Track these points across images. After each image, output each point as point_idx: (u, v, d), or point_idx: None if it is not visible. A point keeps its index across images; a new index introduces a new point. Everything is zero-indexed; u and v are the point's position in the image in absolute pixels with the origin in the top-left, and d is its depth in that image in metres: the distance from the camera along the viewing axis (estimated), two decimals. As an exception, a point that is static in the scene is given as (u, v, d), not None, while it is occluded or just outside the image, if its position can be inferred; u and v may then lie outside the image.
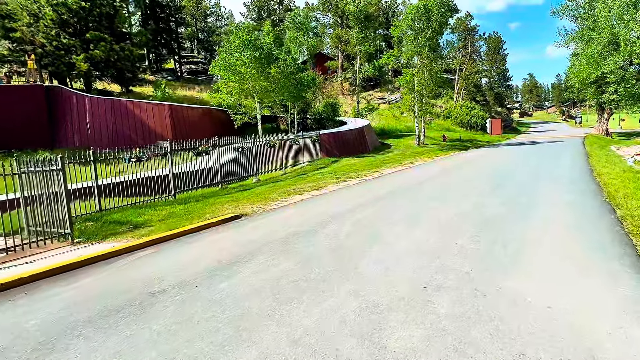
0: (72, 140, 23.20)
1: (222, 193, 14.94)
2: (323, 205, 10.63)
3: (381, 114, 48.63)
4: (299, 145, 22.69)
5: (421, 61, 29.79)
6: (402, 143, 33.82)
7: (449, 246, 6.12)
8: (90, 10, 25.06)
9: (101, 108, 23.81)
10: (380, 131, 39.45)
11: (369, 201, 10.60)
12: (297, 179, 17.76)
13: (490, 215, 8.01)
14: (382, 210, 9.11)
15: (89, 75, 25.91)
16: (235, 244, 7.04)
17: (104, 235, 9.08)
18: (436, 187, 12.56)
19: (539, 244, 6.11)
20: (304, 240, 6.91)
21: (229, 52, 24.79)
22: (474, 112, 50.49)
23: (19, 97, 22.11)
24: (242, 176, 18.17)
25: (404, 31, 29.37)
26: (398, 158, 25.35)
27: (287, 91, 26.76)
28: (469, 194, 10.85)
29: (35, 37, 24.68)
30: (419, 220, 7.89)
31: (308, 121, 31.47)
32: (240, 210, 10.65)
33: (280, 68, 27.20)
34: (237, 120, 26.37)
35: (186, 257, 6.48)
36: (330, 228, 7.70)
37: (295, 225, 8.18)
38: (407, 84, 29.96)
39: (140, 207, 12.09)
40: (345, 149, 27.16)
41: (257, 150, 18.76)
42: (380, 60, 33.04)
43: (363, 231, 7.28)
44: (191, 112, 26.62)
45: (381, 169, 20.04)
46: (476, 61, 61.98)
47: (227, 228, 8.67)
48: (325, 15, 63.19)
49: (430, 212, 8.66)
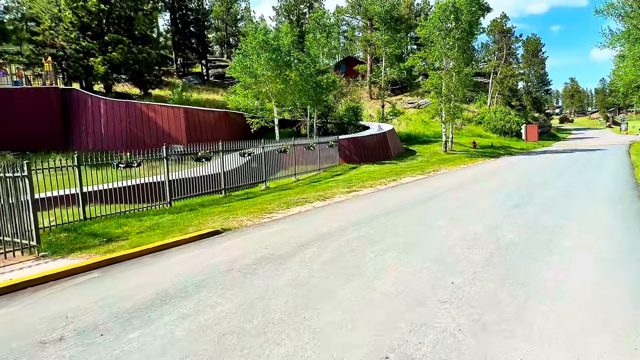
0: (85, 143, 23.01)
1: (222, 202, 14.02)
2: (318, 220, 9.45)
3: (409, 118, 46.88)
4: (314, 150, 21.57)
5: (449, 63, 28.08)
6: (429, 149, 32.11)
7: (442, 286, 4.79)
8: (109, 12, 24.94)
9: (116, 111, 23.54)
10: (407, 137, 37.80)
11: (370, 216, 9.33)
12: (307, 187, 16.65)
13: (505, 243, 6.58)
14: (379, 230, 7.83)
15: (107, 78, 25.78)
16: (191, 270, 5.96)
17: (71, 249, 8.25)
18: (451, 201, 11.12)
19: (559, 293, 4.68)
20: (269, 269, 5.75)
21: (245, 54, 24.02)
22: (509, 118, 47.88)
23: (35, 99, 22.11)
24: (250, 183, 17.20)
25: (431, 32, 27.76)
26: (421, 165, 23.80)
27: (305, 94, 25.72)
28: (487, 211, 9.38)
29: (56, 40, 24.77)
30: (417, 246, 6.57)
31: (328, 126, 30.30)
32: (228, 223, 9.63)
33: (299, 70, 26.22)
34: (254, 124, 25.54)
35: (126, 286, 5.44)
36: (309, 253, 6.49)
37: (272, 247, 7.03)
38: (433, 87, 28.31)
39: (127, 217, 11.29)
40: (366, 155, 25.83)
41: (266, 156, 17.75)
42: (406, 63, 31.53)
43: (344, 260, 6.04)
44: (207, 116, 26.00)
45: (400, 177, 18.65)
46: (512, 64, 59.10)
47: (199, 247, 7.62)
48: (355, 18, 62.03)
49: (434, 234, 7.30)
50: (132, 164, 11.87)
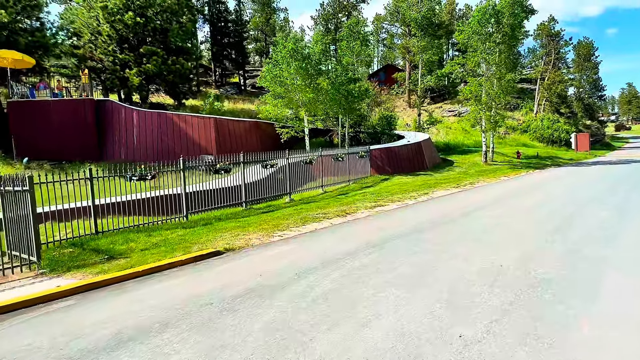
0: (118, 154, 23.37)
1: (240, 215, 13.50)
2: (329, 241, 8.66)
3: (450, 127, 45.10)
4: (343, 161, 20.79)
5: (489, 69, 26.52)
6: (468, 160, 30.45)
7: (446, 342, 3.87)
8: (145, 25, 25.42)
9: (148, 121, 23.81)
10: (445, 146, 36.23)
11: (387, 238, 8.42)
12: (332, 201, 15.89)
13: (536, 280, 5.50)
14: (391, 256, 6.92)
15: (142, 89, 26.25)
16: (169, 302, 5.33)
17: (70, 266, 7.93)
18: (482, 221, 9.98)
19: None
20: (251, 305, 5.02)
21: (275, 62, 23.72)
22: (557, 126, 44.98)
23: (71, 110, 22.71)
24: (274, 195, 16.64)
25: (470, 36, 26.35)
26: (457, 177, 22.43)
27: (336, 103, 25.03)
28: (521, 234, 8.22)
29: (94, 53, 25.51)
30: (428, 279, 5.62)
31: (361, 135, 29.39)
32: (234, 242, 9.02)
33: (330, 79, 25.60)
34: (283, 134, 25.11)
35: (91, 320, 4.88)
36: (303, 284, 5.71)
37: (267, 274, 6.31)
38: (472, 95, 26.81)
39: (140, 231, 10.97)
40: (399, 165, 24.73)
41: (290, 168, 17.13)
42: (443, 70, 30.17)
43: (339, 296, 5.20)
44: (237, 126, 25.84)
45: (433, 190, 17.50)
46: (561, 69, 55.81)
47: (193, 270, 7.03)
48: (393, 25, 60.97)
49: (453, 264, 6.31)
50: (145, 176, 11.61)
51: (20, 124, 22.02)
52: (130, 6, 25.06)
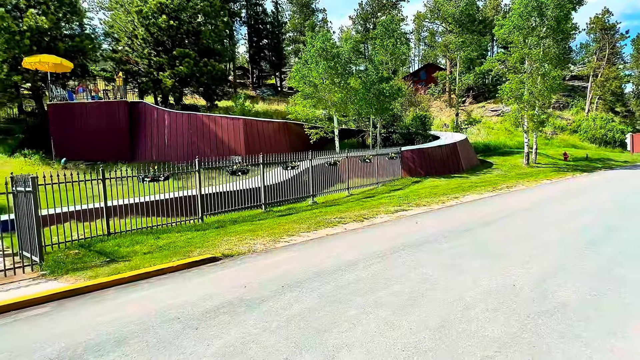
0: (149, 154, 23.79)
1: (257, 218, 13.18)
2: (334, 249, 8.08)
3: (491, 127, 43.02)
4: (371, 163, 20.08)
5: (531, 65, 24.84)
6: (508, 162, 28.76)
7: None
8: (178, 28, 25.77)
9: (179, 122, 24.09)
10: (484, 147, 34.53)
11: (395, 248, 7.72)
12: (355, 204, 15.28)
13: (551, 306, 4.65)
14: (390, 269, 6.24)
15: (174, 91, 26.66)
16: (137, 314, 4.96)
17: (69, 269, 7.84)
18: (509, 229, 9.02)
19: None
20: (218, 323, 4.54)
21: (303, 62, 23.33)
22: (611, 126, 41.81)
23: (106, 112, 23.38)
24: (296, 197, 16.23)
25: (511, 31, 24.79)
26: (494, 180, 21.11)
27: (367, 103, 24.29)
28: (548, 246, 7.27)
29: (130, 56, 26.18)
30: (423, 300, 4.91)
31: (394, 136, 28.41)
32: (237, 248, 8.65)
33: (361, 78, 24.91)
34: (312, 135, 24.65)
35: (51, 332, 4.58)
36: (285, 299, 5.17)
37: (252, 286, 5.83)
38: (512, 93, 25.22)
39: (150, 232, 10.87)
40: (433, 167, 23.66)
41: (314, 170, 16.65)
42: (482, 67, 28.62)
43: (317, 315, 4.62)
44: (266, 126, 25.66)
45: (464, 194, 16.47)
46: (617, 65, 51.96)
47: (181, 278, 6.69)
48: (434, 22, 59.18)
49: (458, 282, 5.54)
50: (158, 178, 11.47)
51: (59, 125, 22.89)
52: (164, 10, 25.51)
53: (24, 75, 22.57)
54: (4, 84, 22.14)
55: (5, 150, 22.87)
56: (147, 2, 25.33)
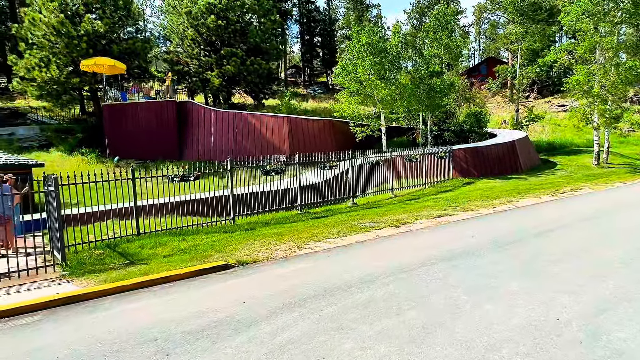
0: (196, 153, 24.14)
1: (291, 219, 12.74)
2: (355, 260, 7.34)
3: (557, 124, 39.68)
4: (417, 162, 18.95)
5: (603, 54, 22.31)
6: (575, 161, 26.18)
7: None
8: (226, 27, 25.96)
9: (225, 121, 24.23)
10: (548, 146, 31.82)
11: (424, 260, 6.83)
12: (396, 207, 14.39)
13: (605, 353, 3.62)
14: (410, 289, 5.38)
15: (221, 90, 26.92)
16: (119, 330, 4.55)
17: (88, 270, 7.79)
18: (562, 245, 7.75)
19: None
20: (198, 348, 4.00)
21: (349, 58, 22.55)
22: (701, 121, 37.00)
23: (155, 112, 24.01)
24: (335, 198, 15.61)
25: (579, 17, 22.40)
26: (556, 182, 19.13)
27: (415, 99, 23.04)
28: (606, 269, 6.03)
29: (181, 56, 26.77)
30: (440, 332, 4.06)
31: (446, 134, 26.80)
32: (256, 253, 8.18)
33: (410, 73, 23.70)
34: (358, 133, 23.79)
35: (26, 347, 4.27)
36: (279, 322, 4.52)
37: (252, 301, 5.26)
38: (580, 86, 22.80)
39: (179, 234, 10.72)
40: (487, 167, 22.00)
41: (354, 169, 15.91)
42: (545, 58, 26.20)
43: (306, 348, 3.92)
44: (311, 125, 25.15)
45: (520, 198, 14.95)
46: None
47: (184, 288, 6.27)
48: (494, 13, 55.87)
49: (487, 310, 4.60)
50: (188, 178, 11.29)
51: (113, 125, 23.83)
52: (212, 10, 25.80)
53: (83, 78, 23.74)
54: (65, 86, 23.39)
55: (66, 148, 24.19)
56: (196, 3, 25.75)
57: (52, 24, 22.28)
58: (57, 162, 22.02)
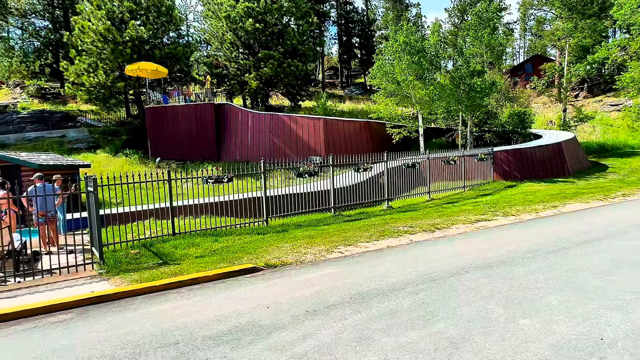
0: (234, 155, 24.53)
1: (324, 222, 12.67)
2: (387, 265, 7.12)
3: (609, 124, 37.44)
4: (456, 164, 18.37)
5: (661, 49, 20.83)
6: (628, 164, 24.56)
7: None
8: (263, 30, 26.27)
9: (262, 123, 24.50)
10: (599, 147, 30.06)
11: (458, 269, 6.53)
12: (432, 210, 14.02)
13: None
14: (440, 301, 5.13)
15: (258, 92, 27.24)
16: (142, 332, 4.60)
17: (123, 269, 8.02)
18: (609, 255, 7.19)
19: None
20: (216, 354, 3.95)
21: (386, 58, 22.22)
22: None
23: (194, 114, 24.63)
24: (371, 201, 15.40)
25: (634, 10, 21.02)
26: (607, 186, 18.01)
27: (455, 99, 22.38)
28: (665, 282, 5.52)
29: (219, 60, 27.33)
30: (468, 347, 3.82)
31: (487, 135, 25.84)
32: (285, 257, 8.15)
33: (449, 72, 23.06)
34: (395, 134, 23.39)
35: (46, 347, 4.39)
36: (304, 328, 4.41)
37: (277, 307, 5.19)
38: (635, 83, 21.40)
39: (213, 234, 10.89)
40: (531, 170, 21.04)
41: (389, 172, 15.64)
42: (596, 55, 24.71)
43: (331, 356, 3.80)
44: (346, 126, 24.98)
45: (565, 203, 14.16)
46: None
47: (210, 290, 6.30)
48: (540, 9, 53.49)
49: (520, 327, 4.29)
50: (222, 179, 11.43)
51: (155, 127, 24.65)
52: (251, 13, 26.17)
53: (127, 82, 24.74)
54: (111, 90, 24.47)
55: (112, 150, 25.27)
56: (235, 7, 26.22)
57: (99, 31, 23.37)
58: (103, 162, 23.04)
